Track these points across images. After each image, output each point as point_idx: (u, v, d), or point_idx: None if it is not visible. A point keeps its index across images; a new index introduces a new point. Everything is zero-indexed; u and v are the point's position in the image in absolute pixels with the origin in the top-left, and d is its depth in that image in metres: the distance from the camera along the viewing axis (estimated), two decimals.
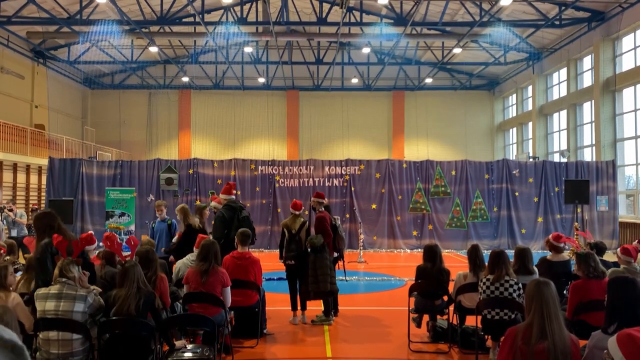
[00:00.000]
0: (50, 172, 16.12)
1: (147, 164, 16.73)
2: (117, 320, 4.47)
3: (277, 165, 16.91)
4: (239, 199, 16.56)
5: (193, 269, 5.66)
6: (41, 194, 19.90)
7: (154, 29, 21.42)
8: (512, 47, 21.96)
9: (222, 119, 28.96)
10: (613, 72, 18.20)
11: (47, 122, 23.50)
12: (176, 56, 26.68)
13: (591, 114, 19.69)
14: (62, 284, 4.43)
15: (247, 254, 6.61)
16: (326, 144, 28.67)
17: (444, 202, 16.70)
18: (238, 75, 27.09)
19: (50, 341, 4.30)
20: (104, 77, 28.08)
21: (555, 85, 23.45)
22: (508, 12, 19.28)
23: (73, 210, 13.57)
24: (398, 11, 19.45)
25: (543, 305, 3.17)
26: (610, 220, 16.50)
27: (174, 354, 4.73)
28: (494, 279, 5.39)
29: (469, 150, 27.46)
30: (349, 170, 16.77)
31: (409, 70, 27.47)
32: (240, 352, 6.12)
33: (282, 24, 20.14)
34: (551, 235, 6.84)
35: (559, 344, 3.09)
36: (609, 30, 18.12)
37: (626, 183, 18.59)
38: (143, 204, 16.22)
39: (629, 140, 18.04)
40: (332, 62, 24.50)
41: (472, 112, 29.13)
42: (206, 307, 5.40)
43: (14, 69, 21.45)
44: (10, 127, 18.99)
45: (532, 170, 16.84)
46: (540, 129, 23.86)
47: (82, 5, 18.07)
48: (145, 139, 29.11)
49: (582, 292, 5.06)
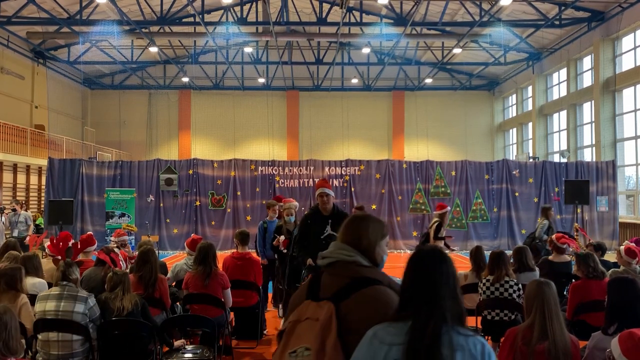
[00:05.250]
0: (50, 173, 16.11)
1: (147, 164, 16.72)
2: (117, 321, 4.46)
3: (277, 165, 16.91)
4: (239, 200, 16.62)
5: (192, 274, 5.61)
6: (41, 195, 19.90)
7: (154, 29, 21.41)
8: (512, 47, 21.96)
9: (222, 119, 28.96)
10: (613, 72, 18.19)
11: (47, 122, 23.51)
12: (176, 56, 26.68)
13: (591, 114, 19.69)
14: (63, 286, 4.42)
15: (247, 254, 6.61)
16: (326, 145, 28.67)
17: (444, 202, 16.65)
18: (238, 76, 27.08)
19: (50, 342, 4.30)
20: (104, 78, 28.08)
21: (555, 86, 23.45)
22: (508, 12, 19.28)
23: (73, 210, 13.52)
24: (398, 11, 19.45)
25: (544, 305, 3.17)
26: (610, 220, 16.49)
27: (173, 355, 4.72)
28: (494, 280, 5.38)
29: (469, 150, 27.44)
30: (349, 170, 16.77)
31: (409, 71, 27.47)
32: (240, 352, 6.11)
33: (282, 24, 20.14)
34: (555, 235, 6.84)
35: (559, 345, 3.09)
36: (608, 30, 18.12)
37: (626, 183, 18.58)
38: (143, 205, 16.20)
39: (628, 140, 18.04)
40: (332, 62, 24.49)
41: (472, 112, 29.14)
42: (207, 309, 5.37)
43: (14, 70, 21.45)
44: (10, 127, 18.99)
45: (532, 171, 16.84)
46: (540, 129, 23.86)
47: (82, 5, 18.07)
48: (145, 140, 29.11)
49: (582, 293, 5.06)
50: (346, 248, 2.25)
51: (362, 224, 2.31)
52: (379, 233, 2.30)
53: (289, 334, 2.15)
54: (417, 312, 1.87)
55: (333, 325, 2.04)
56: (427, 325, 1.83)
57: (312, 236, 5.80)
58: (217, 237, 15.91)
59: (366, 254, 2.25)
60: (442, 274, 1.92)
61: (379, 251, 2.28)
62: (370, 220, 2.34)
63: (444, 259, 1.97)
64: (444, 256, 1.98)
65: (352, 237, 2.28)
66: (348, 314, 2.07)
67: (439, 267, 1.94)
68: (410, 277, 1.97)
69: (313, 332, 2.06)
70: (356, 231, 2.29)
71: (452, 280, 1.93)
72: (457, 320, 1.88)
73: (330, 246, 2.35)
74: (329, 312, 2.08)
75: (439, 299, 1.87)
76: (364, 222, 2.32)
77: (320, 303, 2.15)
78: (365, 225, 2.30)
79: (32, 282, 5.19)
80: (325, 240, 5.69)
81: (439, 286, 1.90)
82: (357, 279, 2.16)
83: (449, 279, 1.93)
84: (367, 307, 2.06)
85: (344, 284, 2.15)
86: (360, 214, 2.48)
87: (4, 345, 2.91)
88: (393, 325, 1.89)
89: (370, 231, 2.28)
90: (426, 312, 1.85)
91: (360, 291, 2.12)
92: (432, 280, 1.91)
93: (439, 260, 1.96)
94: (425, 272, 1.94)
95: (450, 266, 1.96)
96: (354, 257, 2.23)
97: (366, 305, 2.08)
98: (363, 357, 1.90)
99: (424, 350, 1.80)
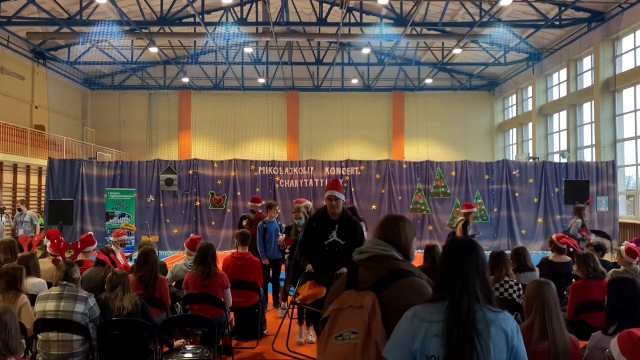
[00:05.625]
0: (50, 173, 16.10)
1: (147, 164, 16.72)
2: (117, 321, 4.46)
3: (277, 165, 16.90)
4: (239, 200, 16.61)
5: (192, 274, 5.61)
6: (41, 195, 19.90)
7: (154, 30, 21.41)
8: (512, 47, 21.96)
9: (222, 120, 28.97)
10: (613, 72, 18.20)
11: (47, 122, 23.51)
12: (176, 57, 26.68)
13: (591, 114, 19.69)
14: (63, 286, 4.42)
15: (247, 254, 6.61)
16: (326, 145, 28.67)
17: (444, 202, 16.69)
18: (238, 76, 27.09)
19: (50, 342, 4.29)
20: (103, 78, 28.08)
21: (555, 86, 23.45)
22: (508, 12, 19.28)
23: (73, 211, 13.57)
24: (398, 11, 19.45)
25: (544, 305, 3.17)
26: (610, 220, 16.48)
27: (173, 355, 4.72)
28: (494, 280, 5.37)
29: (468, 150, 27.45)
30: (349, 170, 16.77)
31: (409, 71, 27.48)
32: (240, 352, 6.11)
33: (282, 24, 20.15)
34: (555, 235, 6.83)
35: (559, 345, 3.09)
36: (608, 30, 18.12)
37: (626, 183, 18.58)
38: (143, 205, 16.20)
39: (628, 140, 18.04)
40: (332, 63, 24.50)
41: (472, 113, 29.14)
42: (207, 309, 5.37)
43: (14, 70, 21.45)
44: (10, 127, 18.98)
45: (532, 171, 16.83)
46: (540, 129, 23.86)
47: (82, 5, 18.07)
48: (145, 140, 29.12)
49: (582, 293, 5.06)
50: (382, 244, 2.59)
51: (400, 224, 2.66)
52: (413, 232, 2.69)
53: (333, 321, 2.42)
54: (453, 293, 2.13)
55: (377, 311, 2.33)
56: (462, 304, 2.09)
57: (316, 240, 5.47)
58: (217, 237, 15.91)
59: (402, 250, 2.60)
60: (473, 260, 2.20)
61: (412, 248, 2.66)
62: (406, 221, 2.71)
63: (474, 246, 2.26)
64: (474, 244, 2.27)
65: (391, 234, 2.62)
66: (388, 301, 2.37)
67: (470, 254, 2.22)
68: (446, 263, 2.24)
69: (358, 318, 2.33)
70: (395, 229, 2.63)
71: (481, 265, 2.21)
72: (487, 299, 2.15)
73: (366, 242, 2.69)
74: (372, 300, 2.36)
75: (471, 281, 2.15)
76: (401, 222, 2.68)
77: (361, 292, 2.42)
78: (403, 224, 2.66)
79: (32, 282, 5.19)
80: (329, 247, 5.39)
81: (471, 270, 2.17)
82: (394, 271, 2.48)
83: (478, 264, 2.21)
84: (404, 295, 2.37)
85: (383, 275, 2.47)
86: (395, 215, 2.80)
87: (3, 345, 2.91)
88: (431, 306, 2.16)
89: (407, 230, 2.65)
90: (461, 292, 2.12)
91: (399, 281, 2.44)
92: (465, 265, 2.18)
93: (470, 248, 2.24)
94: (459, 258, 2.21)
95: (479, 253, 2.25)
96: (390, 252, 2.56)
97: (404, 293, 2.39)
98: (404, 333, 2.15)
99: (462, 325, 2.06)
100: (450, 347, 2.04)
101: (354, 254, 2.64)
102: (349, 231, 5.43)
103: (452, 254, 2.25)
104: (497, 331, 2.07)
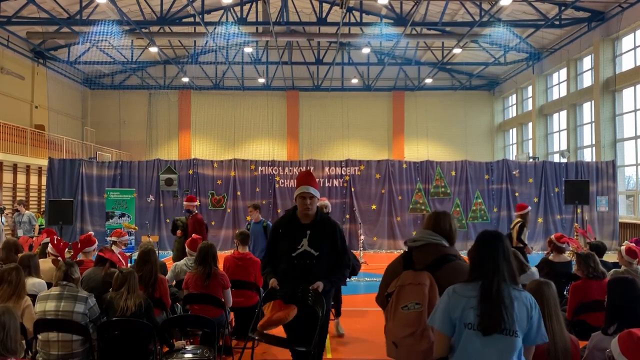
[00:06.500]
0: (50, 173, 16.11)
1: (147, 164, 16.72)
2: (117, 321, 4.46)
3: (277, 165, 16.90)
4: (239, 200, 16.61)
5: (192, 274, 5.60)
6: (41, 195, 19.90)
7: (154, 29, 21.42)
8: (512, 47, 21.96)
9: (222, 119, 28.97)
10: (613, 72, 18.20)
11: (47, 122, 23.51)
12: (176, 56, 26.68)
13: (591, 114, 19.69)
14: (63, 286, 4.42)
15: (248, 254, 6.61)
16: (326, 145, 28.67)
17: (444, 202, 16.68)
18: (238, 76, 27.09)
19: (50, 342, 4.29)
20: (103, 78, 28.08)
21: (555, 86, 23.45)
22: (508, 12, 19.28)
23: (73, 210, 13.53)
24: (398, 11, 19.45)
25: (544, 305, 3.17)
26: (610, 220, 16.49)
27: (174, 355, 4.71)
28: None
29: (468, 150, 27.46)
30: (349, 170, 16.77)
31: (408, 71, 27.47)
32: (240, 352, 6.10)
33: (282, 24, 20.14)
34: (554, 235, 6.83)
35: (559, 345, 3.09)
36: (608, 30, 18.12)
37: (626, 183, 18.58)
38: (143, 205, 16.20)
39: (628, 140, 18.04)
40: (332, 63, 24.49)
41: (472, 113, 29.14)
42: (207, 309, 5.37)
43: (14, 70, 21.45)
44: (10, 127, 18.98)
45: (532, 171, 16.83)
46: (540, 129, 23.86)
47: (82, 5, 18.07)
48: (145, 140, 29.12)
49: (582, 293, 5.06)
50: (433, 234, 3.26)
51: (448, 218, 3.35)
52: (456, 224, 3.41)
53: (398, 294, 3.09)
54: (484, 275, 2.66)
55: (435, 286, 3.03)
56: (493, 284, 2.61)
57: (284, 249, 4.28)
58: (217, 237, 15.90)
59: (448, 238, 3.29)
60: (499, 248, 2.71)
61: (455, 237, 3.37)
62: (451, 216, 3.42)
63: (500, 237, 2.77)
64: (501, 235, 2.78)
65: (443, 226, 3.30)
66: (440, 279, 3.06)
67: (497, 243, 2.73)
68: (479, 251, 2.76)
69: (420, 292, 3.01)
70: (446, 222, 3.32)
71: (507, 252, 2.73)
72: (512, 280, 2.68)
73: (418, 232, 3.35)
74: (429, 278, 3.07)
75: (499, 265, 2.66)
76: (449, 216, 3.37)
77: (418, 272, 3.12)
78: (450, 218, 3.36)
79: (32, 282, 5.18)
80: (298, 259, 4.19)
81: (499, 256, 2.69)
82: (444, 255, 3.19)
83: (505, 251, 2.72)
84: (452, 274, 3.02)
85: (435, 259, 3.16)
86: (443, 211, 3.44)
87: (2, 346, 2.91)
88: (468, 284, 2.69)
89: (453, 223, 3.35)
90: (491, 274, 2.64)
91: (448, 264, 3.15)
92: (494, 252, 2.70)
93: (498, 239, 2.76)
94: (489, 247, 2.73)
95: (505, 243, 2.75)
96: (440, 241, 3.24)
97: (452, 273, 3.05)
98: (446, 305, 2.68)
99: (493, 300, 2.58)
100: (483, 317, 2.56)
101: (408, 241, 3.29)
102: (325, 238, 4.26)
103: (483, 244, 2.76)
104: (519, 305, 2.60)
